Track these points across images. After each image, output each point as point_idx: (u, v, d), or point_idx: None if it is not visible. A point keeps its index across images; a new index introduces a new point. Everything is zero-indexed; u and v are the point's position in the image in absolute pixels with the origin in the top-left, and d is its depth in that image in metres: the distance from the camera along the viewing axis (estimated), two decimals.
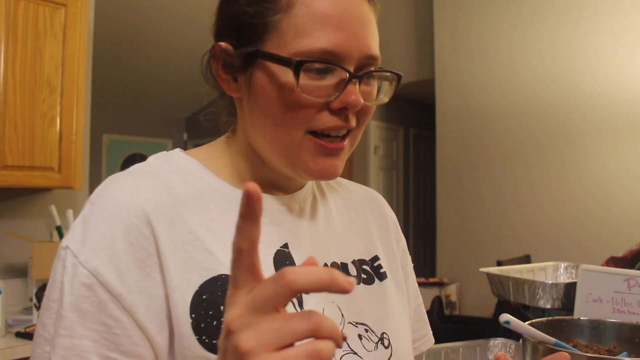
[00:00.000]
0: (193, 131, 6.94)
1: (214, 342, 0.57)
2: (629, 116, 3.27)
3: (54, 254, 0.62)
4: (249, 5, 0.63)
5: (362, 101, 0.62)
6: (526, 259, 3.37)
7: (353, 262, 0.75)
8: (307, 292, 0.41)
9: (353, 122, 0.65)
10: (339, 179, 0.86)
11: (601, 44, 3.41)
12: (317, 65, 0.61)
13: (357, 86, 0.62)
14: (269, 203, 0.69)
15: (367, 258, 0.78)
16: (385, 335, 0.72)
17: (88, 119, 2.87)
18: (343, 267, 0.74)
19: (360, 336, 0.69)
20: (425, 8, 4.46)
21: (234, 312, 0.42)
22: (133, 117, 6.38)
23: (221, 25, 0.68)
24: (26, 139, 2.35)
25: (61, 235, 2.55)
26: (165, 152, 0.71)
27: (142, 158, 0.70)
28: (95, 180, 2.74)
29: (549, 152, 3.63)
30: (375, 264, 0.78)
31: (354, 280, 0.45)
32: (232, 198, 0.67)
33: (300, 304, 0.65)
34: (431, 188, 5.28)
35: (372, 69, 0.65)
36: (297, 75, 0.60)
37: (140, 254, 0.58)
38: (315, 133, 0.64)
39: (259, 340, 0.40)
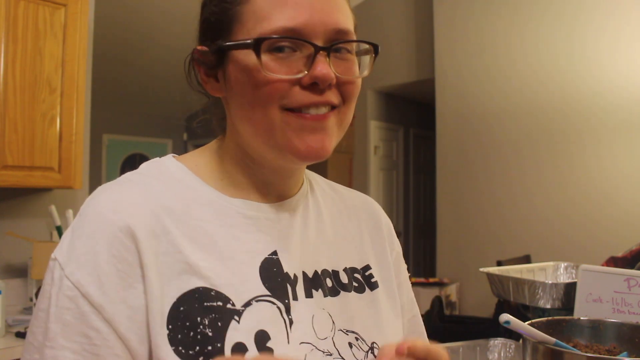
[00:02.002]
0: (193, 131, 6.93)
1: (190, 352, 0.58)
2: (629, 116, 3.27)
3: None
4: (215, 5, 0.66)
5: (332, 74, 0.61)
6: (526, 259, 3.37)
7: (345, 269, 0.74)
8: None
9: (332, 97, 0.64)
10: (334, 184, 0.85)
11: (600, 44, 3.41)
12: (279, 44, 0.61)
13: (326, 60, 0.62)
14: (259, 211, 0.69)
15: (359, 267, 0.77)
16: (375, 345, 0.71)
17: (88, 118, 2.87)
18: (334, 275, 0.73)
19: (350, 344, 0.68)
20: (425, 8, 4.46)
21: None
22: (133, 117, 6.37)
23: (199, 31, 0.70)
24: (26, 139, 2.35)
25: (61, 235, 2.55)
26: (157, 158, 0.71)
27: (142, 158, 0.70)
28: (95, 180, 2.74)
29: (550, 152, 3.63)
30: (367, 273, 0.77)
31: None
32: (218, 206, 0.67)
33: (288, 311, 0.65)
34: (431, 188, 5.28)
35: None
36: (257, 54, 0.61)
37: (123, 265, 0.58)
38: (292, 110, 0.63)
39: None
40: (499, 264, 3.07)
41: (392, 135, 5.70)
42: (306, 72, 0.61)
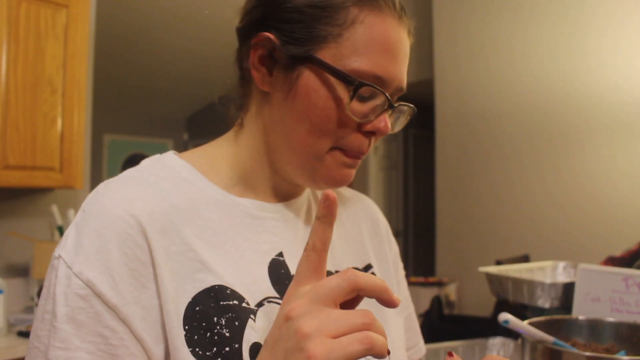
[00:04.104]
0: (193, 131, 6.94)
1: (207, 354, 0.56)
2: (628, 117, 3.28)
3: None
4: (312, 7, 0.62)
5: (389, 129, 0.65)
6: (525, 259, 3.38)
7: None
8: (363, 293, 0.47)
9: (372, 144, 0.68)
10: None
11: (600, 44, 3.41)
12: (369, 90, 0.63)
13: (387, 114, 0.65)
14: (265, 211, 0.68)
15: (361, 266, 0.76)
16: None
17: (89, 119, 2.87)
18: None
19: None
20: (425, 8, 4.47)
21: (295, 302, 0.48)
22: (134, 117, 6.37)
23: (271, 14, 0.64)
24: (28, 139, 2.36)
25: (62, 235, 2.55)
26: (158, 155, 0.69)
27: (143, 158, 0.69)
28: (96, 180, 2.74)
29: (548, 152, 3.63)
30: (369, 272, 0.75)
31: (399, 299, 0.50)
32: (225, 206, 0.65)
33: None
34: (430, 188, 5.29)
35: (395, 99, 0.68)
36: (353, 95, 0.61)
37: (135, 264, 0.57)
38: (339, 149, 0.65)
39: (319, 326, 0.45)
40: (498, 263, 3.08)
41: (391, 135, 5.68)
42: (371, 118, 0.64)
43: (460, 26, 4.13)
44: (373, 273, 0.77)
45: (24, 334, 2.16)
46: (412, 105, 0.70)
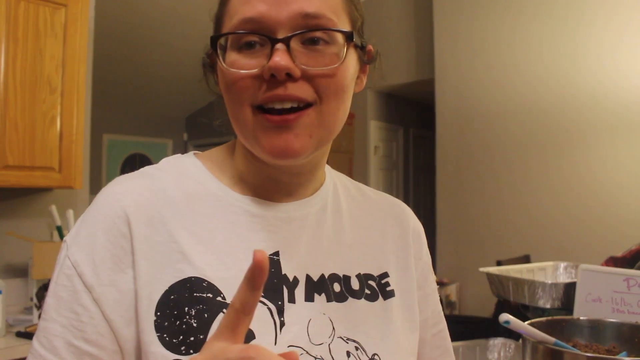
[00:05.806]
0: (193, 131, 6.94)
1: (174, 341, 0.59)
2: (630, 116, 3.27)
3: (54, 254, 0.65)
4: (218, 5, 0.68)
5: (285, 64, 0.58)
6: (526, 259, 3.37)
7: (358, 275, 0.71)
8: None
9: (297, 91, 0.60)
10: (363, 187, 0.82)
11: (602, 43, 3.41)
12: (242, 40, 0.61)
13: (285, 50, 0.59)
14: (268, 209, 0.68)
15: (375, 273, 0.73)
16: (376, 357, 0.67)
17: (88, 118, 2.87)
18: (345, 280, 0.70)
19: (348, 353, 0.65)
20: (425, 7, 4.46)
21: (200, 357, 0.46)
22: (133, 117, 6.37)
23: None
24: (27, 139, 2.36)
25: (61, 235, 2.55)
26: (179, 155, 0.73)
27: (142, 158, 0.71)
28: (95, 180, 2.74)
29: (549, 152, 3.63)
30: (383, 281, 0.73)
31: None
32: (223, 202, 0.67)
33: (280, 313, 0.63)
34: (431, 188, 5.29)
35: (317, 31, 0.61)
36: (216, 52, 0.63)
37: (117, 250, 0.61)
38: (262, 109, 0.61)
39: None
40: (499, 263, 3.07)
41: (392, 135, 5.70)
42: (265, 65, 0.60)
43: (461, 25, 4.12)
44: (388, 282, 0.74)
45: (23, 335, 2.15)
46: (323, 29, 0.61)
